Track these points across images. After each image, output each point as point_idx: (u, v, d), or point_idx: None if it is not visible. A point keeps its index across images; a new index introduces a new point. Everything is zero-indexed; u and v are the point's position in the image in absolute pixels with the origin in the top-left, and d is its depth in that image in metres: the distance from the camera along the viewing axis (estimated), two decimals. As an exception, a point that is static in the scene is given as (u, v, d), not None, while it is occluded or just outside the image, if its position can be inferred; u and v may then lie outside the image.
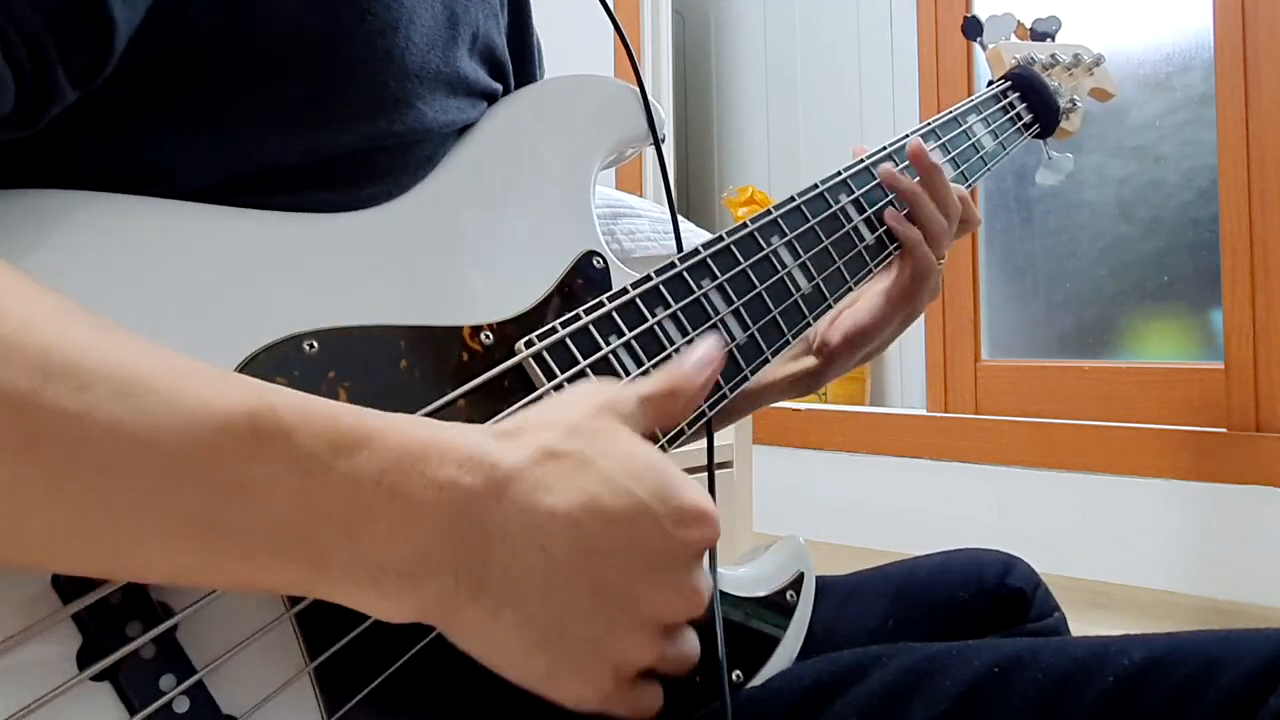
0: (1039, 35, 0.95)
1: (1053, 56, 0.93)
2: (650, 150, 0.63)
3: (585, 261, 0.56)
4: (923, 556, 0.77)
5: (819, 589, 0.63)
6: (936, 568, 0.74)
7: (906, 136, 0.76)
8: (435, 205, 0.52)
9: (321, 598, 0.36)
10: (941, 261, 0.73)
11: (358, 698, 0.42)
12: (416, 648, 0.44)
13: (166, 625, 0.37)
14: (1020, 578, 0.73)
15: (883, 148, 0.74)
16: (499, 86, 0.61)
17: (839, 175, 0.69)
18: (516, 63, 0.67)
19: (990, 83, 0.90)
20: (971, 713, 0.50)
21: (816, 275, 0.64)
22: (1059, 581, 0.80)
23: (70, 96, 0.40)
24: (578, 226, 0.57)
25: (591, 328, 0.52)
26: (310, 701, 0.41)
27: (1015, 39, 0.93)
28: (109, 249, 0.42)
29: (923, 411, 2.23)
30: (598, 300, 0.53)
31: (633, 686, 0.43)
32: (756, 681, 0.57)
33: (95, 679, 0.36)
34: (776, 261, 0.62)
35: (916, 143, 0.73)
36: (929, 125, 0.78)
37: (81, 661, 0.36)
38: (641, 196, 2.11)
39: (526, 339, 0.51)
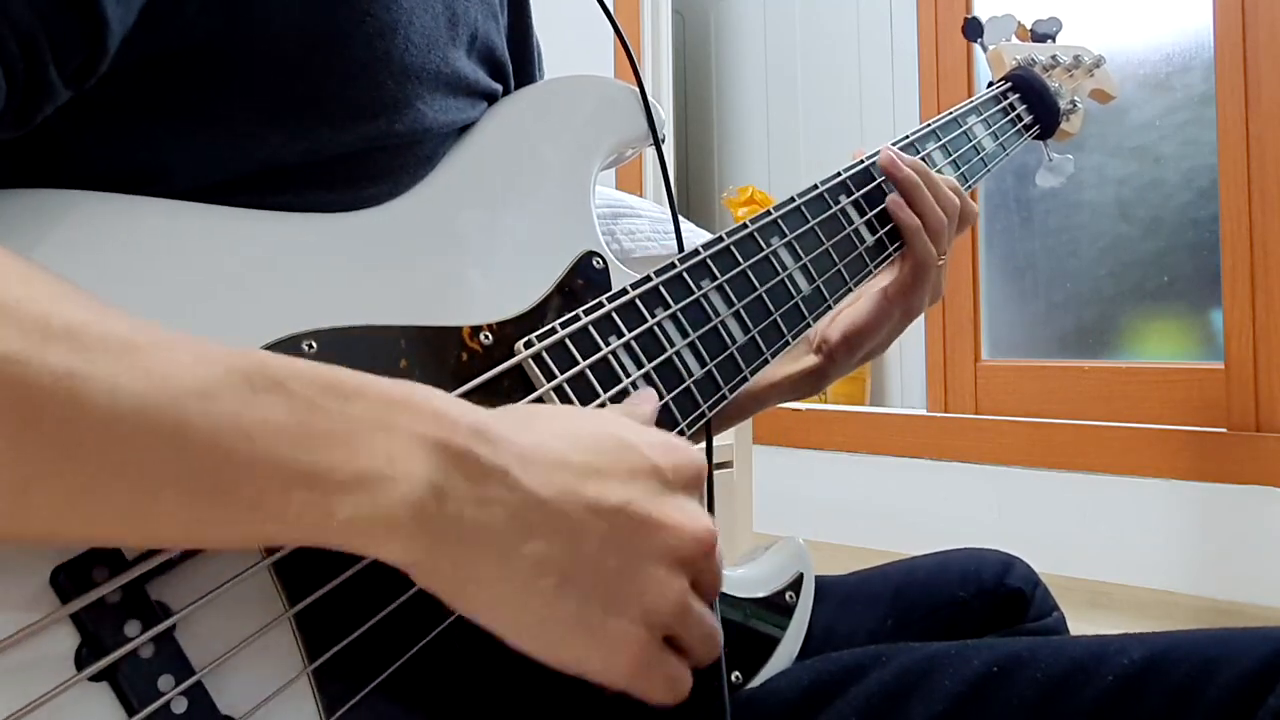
0: (1039, 36, 0.95)
1: (1053, 58, 0.93)
2: (650, 150, 0.63)
3: (585, 262, 0.56)
4: (922, 556, 0.77)
5: (818, 589, 0.63)
6: (936, 568, 0.74)
7: (907, 137, 0.76)
8: (435, 205, 0.53)
9: (337, 544, 0.36)
10: (942, 259, 0.73)
11: (356, 698, 0.42)
12: (415, 648, 0.44)
13: (165, 625, 0.37)
14: (1019, 577, 0.73)
15: (884, 147, 0.74)
16: (499, 86, 0.61)
17: (839, 176, 0.69)
18: (517, 64, 0.67)
19: (990, 84, 0.90)
20: (971, 712, 0.51)
21: (817, 277, 0.64)
22: (1059, 581, 0.80)
23: (63, 96, 0.40)
24: (577, 227, 0.57)
25: (591, 328, 0.52)
26: (309, 702, 0.41)
27: (1016, 40, 0.93)
28: (107, 248, 0.42)
29: (923, 411, 2.23)
30: (597, 301, 0.53)
31: (664, 654, 0.42)
32: (756, 682, 0.57)
33: (94, 679, 0.36)
34: (777, 263, 0.62)
35: (886, 155, 0.72)
36: (929, 126, 0.78)
37: (80, 661, 0.36)
38: (641, 196, 2.11)
39: (526, 339, 0.51)
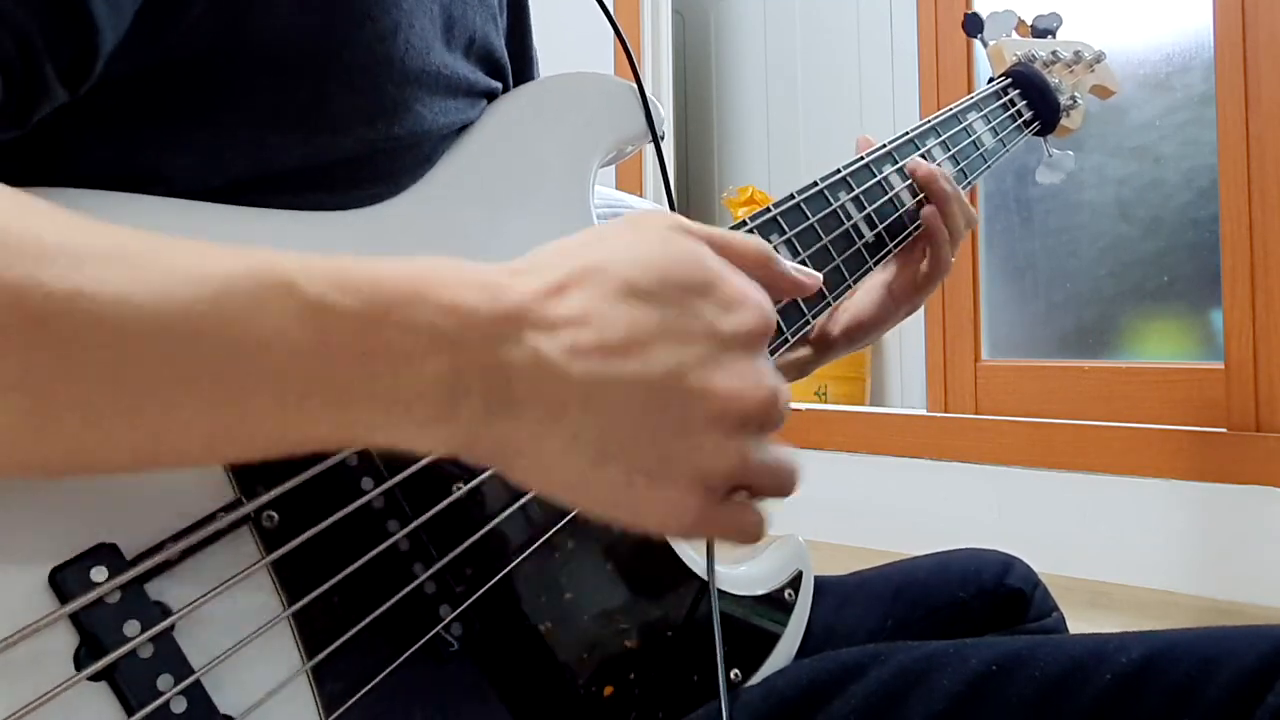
0: (1040, 32, 0.95)
1: (1053, 53, 0.92)
2: (650, 149, 0.63)
3: (584, 260, 0.56)
4: (922, 556, 0.77)
5: (818, 589, 0.63)
6: (935, 568, 0.74)
7: (907, 134, 0.76)
8: (433, 203, 0.53)
9: (369, 443, 0.35)
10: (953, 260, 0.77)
11: (355, 697, 0.42)
12: (414, 647, 0.44)
13: (164, 625, 0.37)
14: (1019, 578, 0.73)
15: (882, 145, 0.74)
16: (498, 85, 0.61)
17: (838, 173, 0.69)
18: (516, 63, 0.67)
19: (991, 80, 0.90)
20: (970, 711, 0.51)
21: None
22: (1059, 581, 0.80)
23: (60, 96, 0.40)
24: (576, 224, 0.57)
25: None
26: (308, 701, 0.41)
27: (1016, 36, 0.93)
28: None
29: (923, 411, 2.23)
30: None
31: (728, 503, 0.39)
32: (755, 680, 0.57)
33: (93, 679, 0.36)
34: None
35: (927, 170, 0.74)
36: (929, 122, 0.78)
37: (79, 661, 0.36)
38: (641, 196, 2.11)
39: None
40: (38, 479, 0.35)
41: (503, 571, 0.48)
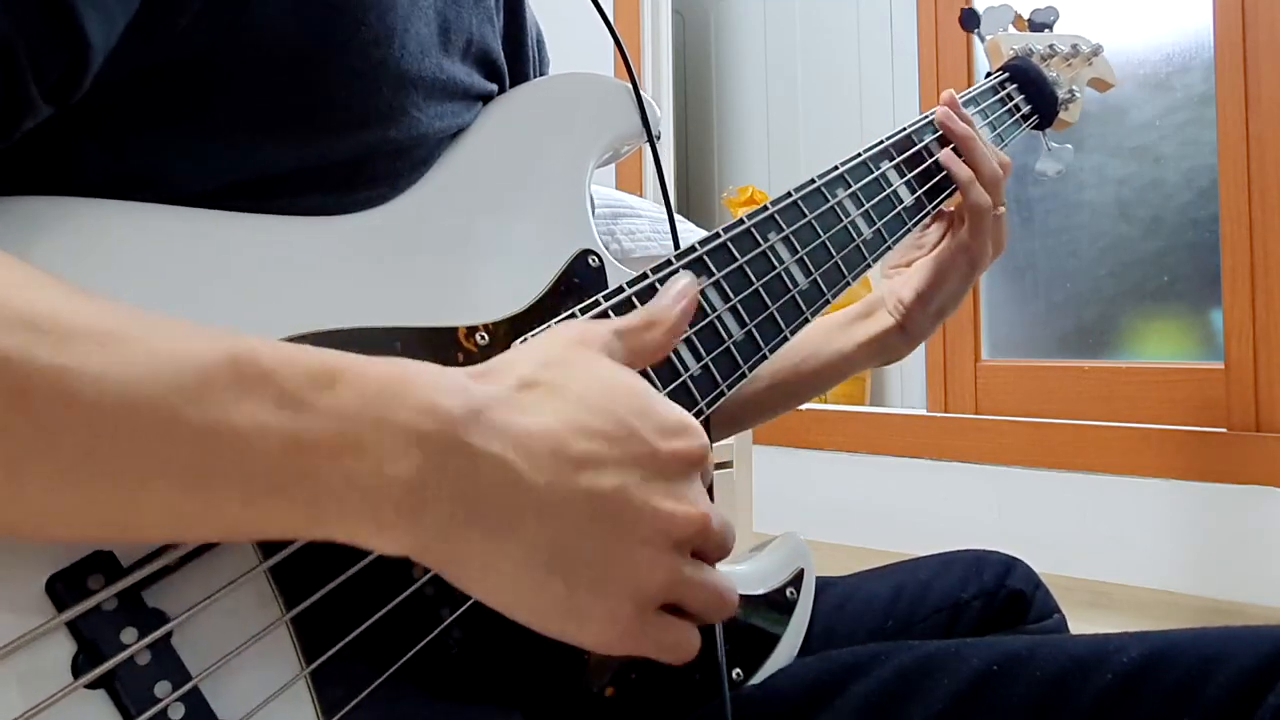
0: (1037, 26, 0.95)
1: (1051, 47, 0.92)
2: (649, 149, 0.63)
3: (581, 260, 0.56)
4: (923, 557, 0.77)
5: (819, 588, 0.63)
6: (936, 568, 0.74)
7: (904, 129, 0.76)
8: (430, 206, 0.52)
9: (325, 538, 0.36)
10: (1001, 208, 0.77)
11: (354, 701, 0.42)
12: (414, 650, 0.44)
13: (161, 632, 0.37)
14: (1020, 578, 0.73)
15: (879, 141, 0.73)
16: (494, 87, 0.61)
17: (836, 170, 0.69)
18: (512, 65, 0.67)
19: (988, 74, 0.90)
20: (971, 711, 0.50)
21: (814, 271, 0.64)
22: (1059, 581, 0.80)
23: (44, 111, 0.40)
24: (573, 225, 0.56)
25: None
26: (308, 706, 0.40)
27: (1013, 30, 0.93)
28: (103, 254, 0.42)
29: (923, 411, 2.23)
30: (594, 299, 0.53)
31: (659, 621, 0.41)
32: (757, 679, 0.57)
33: (90, 686, 0.36)
34: (774, 257, 0.62)
35: (949, 94, 0.78)
36: (927, 117, 0.78)
37: (76, 669, 0.36)
38: (641, 196, 2.11)
39: (522, 339, 0.51)
40: (4, 542, 0.35)
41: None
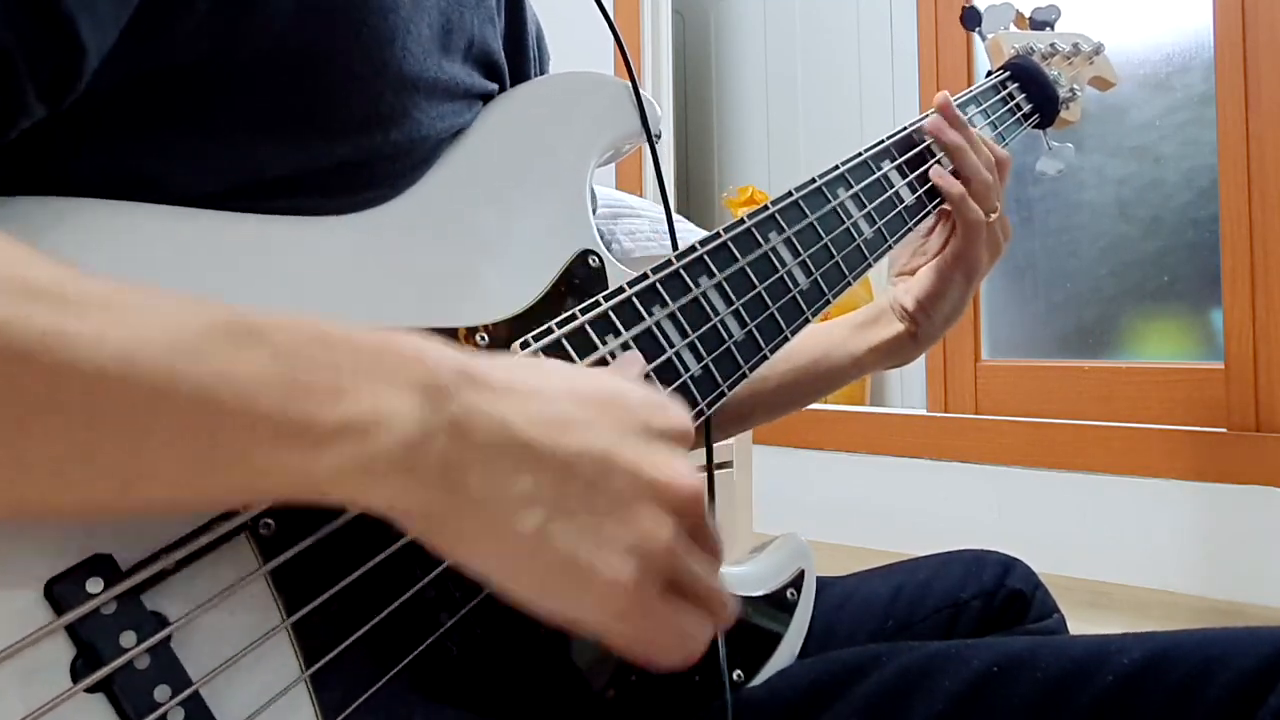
0: (1038, 24, 0.95)
1: (1052, 45, 0.92)
2: (649, 149, 0.63)
3: (581, 261, 0.55)
4: (922, 557, 0.77)
5: (819, 588, 0.63)
6: (936, 568, 0.74)
7: (905, 128, 0.75)
8: (429, 206, 0.52)
9: (324, 494, 0.36)
10: (994, 214, 0.75)
11: (355, 704, 0.42)
12: (414, 654, 0.44)
13: (161, 635, 0.37)
14: (1019, 578, 0.73)
15: (880, 140, 0.73)
16: (494, 86, 0.61)
17: (837, 170, 0.68)
18: (513, 64, 0.67)
19: (989, 73, 0.90)
20: (971, 712, 0.50)
21: (815, 271, 0.64)
22: (1059, 581, 0.80)
23: (38, 113, 0.40)
24: (573, 225, 0.56)
25: (588, 327, 0.52)
26: (308, 709, 0.40)
27: (1014, 28, 0.93)
28: (104, 254, 0.42)
29: (923, 411, 2.23)
30: (594, 300, 0.53)
31: (668, 600, 0.40)
32: (757, 681, 0.57)
33: (90, 690, 0.36)
34: (775, 258, 0.62)
35: (943, 96, 0.75)
36: (928, 116, 0.78)
37: (76, 673, 0.35)
38: (641, 196, 2.11)
39: (522, 340, 0.50)
40: (9, 518, 0.35)
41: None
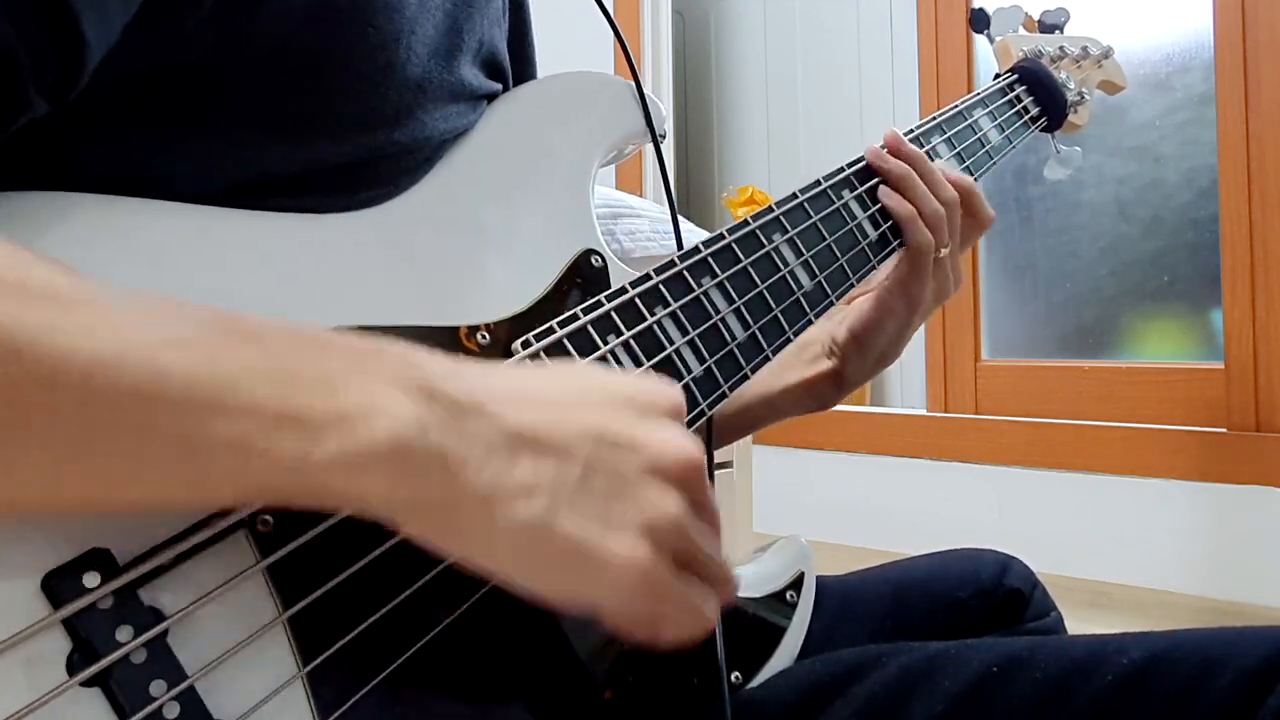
0: (1047, 27, 0.94)
1: (1061, 49, 0.92)
2: (650, 150, 0.63)
3: (583, 260, 0.55)
4: (921, 557, 0.77)
5: (818, 589, 0.63)
6: (934, 568, 0.74)
7: (911, 131, 0.75)
8: (432, 205, 0.52)
9: (319, 488, 0.36)
10: (943, 251, 0.71)
11: (351, 701, 0.42)
12: (411, 651, 0.44)
13: (157, 630, 0.37)
14: (1018, 577, 0.73)
15: (883, 143, 0.73)
16: (498, 86, 0.61)
17: (842, 171, 0.68)
18: (515, 63, 0.67)
19: (997, 76, 0.89)
20: (970, 713, 0.50)
21: (819, 272, 0.64)
22: (1059, 581, 0.80)
23: (40, 109, 0.40)
24: (576, 225, 0.56)
25: (590, 327, 0.52)
26: (304, 706, 0.40)
27: (1023, 31, 0.92)
28: (106, 250, 0.42)
29: (923, 411, 2.23)
30: (596, 299, 0.53)
31: (680, 575, 0.40)
32: (756, 682, 0.57)
33: (86, 684, 0.36)
34: (778, 259, 0.62)
35: (892, 134, 0.71)
36: (934, 120, 0.78)
37: (72, 667, 0.35)
38: (641, 196, 2.11)
39: (523, 339, 0.50)
40: (7, 516, 0.35)
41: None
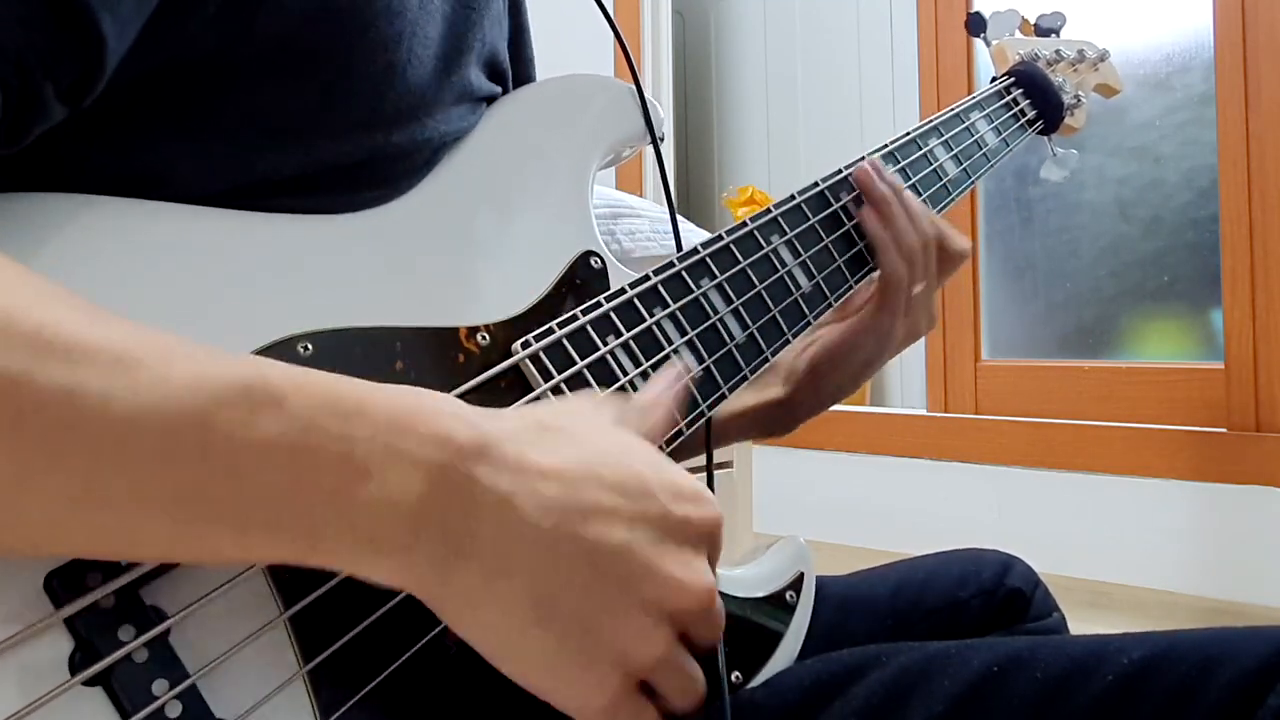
0: (1043, 31, 0.95)
1: (1057, 52, 0.92)
2: (650, 150, 0.63)
3: (583, 262, 0.55)
4: (922, 557, 0.77)
5: (818, 589, 0.63)
6: (935, 567, 0.74)
7: (909, 133, 0.75)
8: (432, 206, 0.52)
9: (323, 565, 0.36)
10: (918, 287, 0.68)
11: (352, 701, 0.42)
12: (411, 651, 0.44)
13: (159, 629, 0.37)
14: (1019, 577, 0.73)
15: (884, 144, 0.73)
16: (498, 89, 0.61)
17: (840, 173, 0.69)
18: (514, 66, 0.67)
19: (994, 79, 0.90)
20: (970, 712, 0.50)
21: (817, 274, 0.64)
22: (1059, 581, 0.80)
23: (58, 114, 0.40)
24: (575, 227, 0.56)
25: (589, 328, 0.52)
26: (304, 705, 0.40)
27: (1019, 35, 0.93)
28: (106, 251, 0.42)
29: (923, 411, 2.23)
30: (595, 300, 0.53)
31: (638, 701, 0.40)
32: (756, 682, 0.57)
33: (88, 684, 0.36)
34: (776, 260, 0.62)
35: (863, 169, 0.68)
36: (931, 122, 0.78)
37: (74, 666, 0.36)
38: (641, 196, 2.11)
39: (523, 340, 0.50)
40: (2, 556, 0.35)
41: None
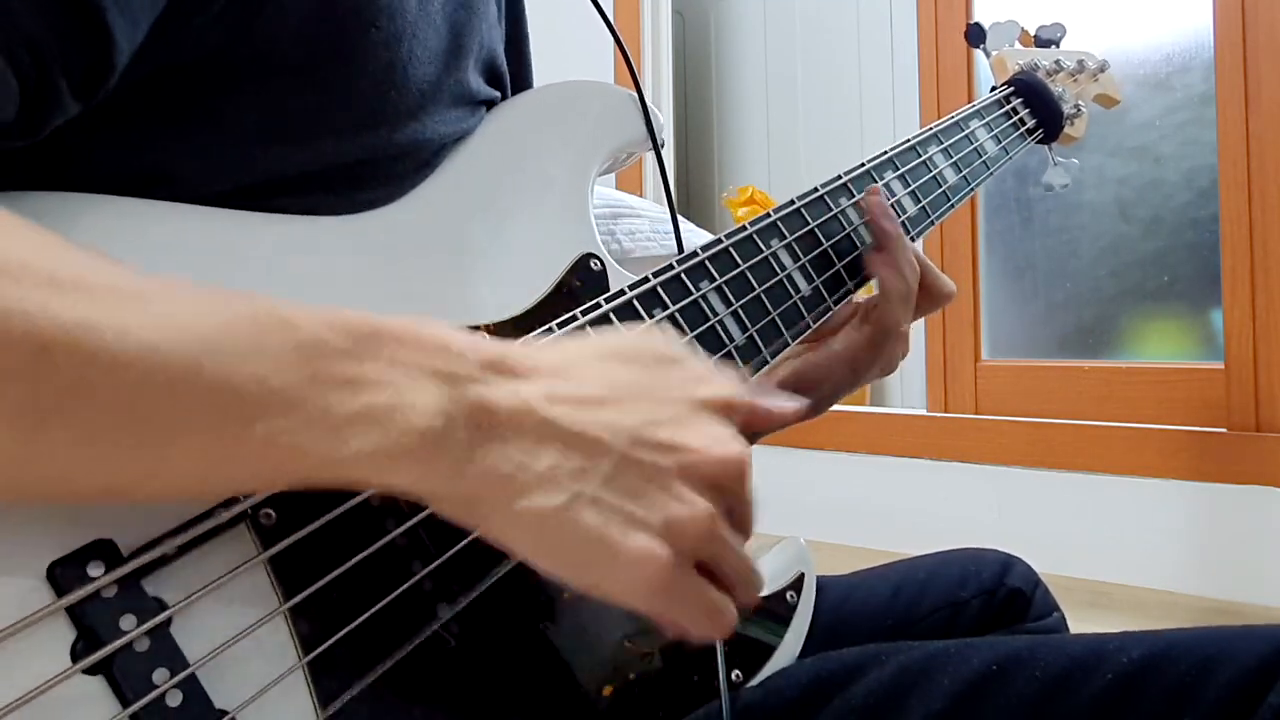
0: (1043, 42, 0.95)
1: (1057, 63, 0.92)
2: (650, 152, 0.63)
3: (583, 264, 0.56)
4: (922, 556, 0.77)
5: (819, 589, 0.63)
6: (936, 567, 0.74)
7: (909, 140, 0.76)
8: (432, 209, 0.53)
9: (344, 479, 0.36)
10: (904, 325, 0.68)
11: (351, 692, 0.42)
12: (411, 644, 0.44)
13: (160, 619, 0.38)
14: (1019, 577, 0.73)
15: (884, 151, 0.74)
16: (497, 93, 0.61)
17: (839, 179, 0.69)
18: (512, 69, 0.67)
19: (993, 88, 0.90)
20: (970, 711, 0.51)
21: (816, 278, 0.64)
22: (1059, 581, 0.80)
23: (72, 108, 0.40)
24: (575, 229, 0.57)
25: (589, 328, 0.52)
26: (304, 696, 0.41)
27: (1019, 45, 0.93)
28: (109, 252, 0.42)
29: (923, 411, 2.23)
30: (595, 302, 0.53)
31: (697, 579, 0.40)
32: (756, 681, 0.57)
33: (89, 672, 0.36)
34: (776, 264, 0.62)
35: (878, 201, 0.67)
36: (931, 130, 0.78)
37: (75, 654, 0.36)
38: (641, 197, 2.11)
39: (523, 340, 0.51)
40: (14, 504, 0.35)
41: (501, 570, 0.48)
